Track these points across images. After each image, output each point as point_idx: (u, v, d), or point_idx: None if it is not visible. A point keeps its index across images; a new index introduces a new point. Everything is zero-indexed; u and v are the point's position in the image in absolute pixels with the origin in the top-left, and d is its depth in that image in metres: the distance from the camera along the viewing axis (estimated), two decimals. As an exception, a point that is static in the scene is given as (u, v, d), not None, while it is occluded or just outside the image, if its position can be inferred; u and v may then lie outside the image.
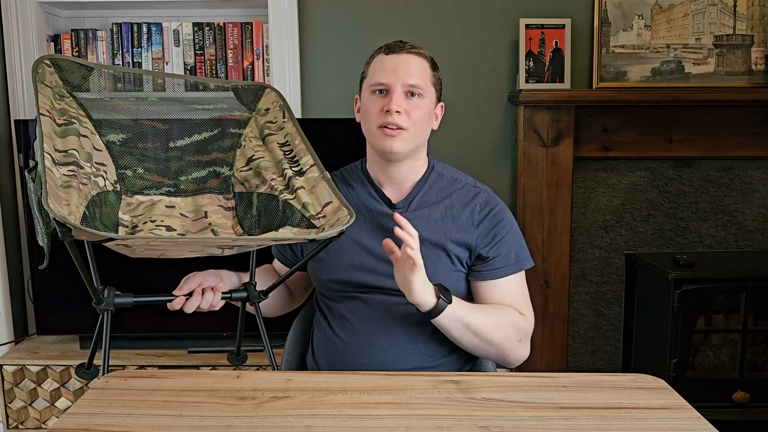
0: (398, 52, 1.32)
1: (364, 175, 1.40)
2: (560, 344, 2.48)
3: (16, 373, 2.19)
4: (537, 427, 0.97)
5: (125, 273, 1.63)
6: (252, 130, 1.43)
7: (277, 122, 1.42)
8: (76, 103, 1.29)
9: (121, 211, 1.31)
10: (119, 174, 1.33)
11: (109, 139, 1.33)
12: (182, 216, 1.35)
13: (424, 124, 1.33)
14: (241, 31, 2.35)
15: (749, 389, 2.26)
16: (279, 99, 1.45)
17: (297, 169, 1.32)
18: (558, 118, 2.36)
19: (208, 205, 1.38)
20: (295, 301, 1.54)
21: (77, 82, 1.29)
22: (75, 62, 1.29)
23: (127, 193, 1.33)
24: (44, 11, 2.34)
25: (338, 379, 1.16)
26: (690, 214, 2.55)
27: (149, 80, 1.49)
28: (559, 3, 2.41)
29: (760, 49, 2.39)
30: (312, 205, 1.26)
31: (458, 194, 1.37)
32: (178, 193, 1.38)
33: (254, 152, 1.39)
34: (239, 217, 1.38)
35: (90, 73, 1.31)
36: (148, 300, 1.24)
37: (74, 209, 1.10)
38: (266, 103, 1.45)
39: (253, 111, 1.45)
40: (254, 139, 1.41)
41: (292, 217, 1.27)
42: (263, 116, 1.44)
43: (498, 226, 1.36)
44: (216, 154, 1.41)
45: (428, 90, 1.32)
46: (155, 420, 0.99)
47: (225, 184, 1.41)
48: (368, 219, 1.37)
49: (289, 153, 1.35)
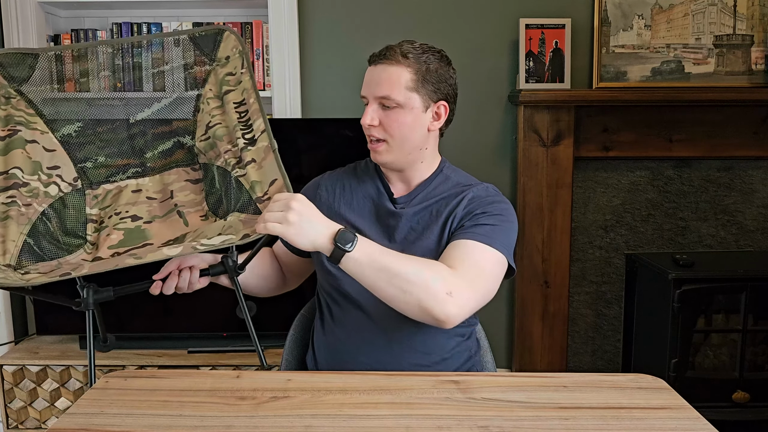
0: (376, 63, 1.32)
1: (376, 171, 1.42)
2: (560, 344, 2.48)
3: (16, 373, 2.19)
4: (537, 427, 0.97)
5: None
6: (211, 87, 1.35)
7: (236, 74, 1.33)
8: (24, 102, 1.24)
9: (88, 206, 1.27)
10: (79, 168, 1.28)
11: (63, 133, 1.27)
12: (149, 200, 1.30)
13: (406, 133, 1.31)
14: (241, 31, 2.35)
15: (749, 389, 2.26)
16: (238, 44, 1.36)
17: (249, 136, 1.25)
18: (558, 118, 2.36)
19: (174, 183, 1.33)
20: (287, 284, 1.53)
21: (25, 75, 1.24)
22: (18, 53, 1.25)
23: (91, 186, 1.29)
24: (44, 11, 2.34)
25: (338, 379, 1.16)
26: (690, 214, 2.55)
27: (100, 52, 1.38)
28: (559, 3, 2.41)
29: (760, 49, 2.39)
30: (260, 183, 1.20)
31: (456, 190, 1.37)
32: (146, 171, 1.33)
33: (211, 117, 1.32)
34: (206, 191, 1.32)
35: (36, 60, 1.25)
36: (127, 290, 1.23)
37: (10, 245, 1.08)
38: (226, 50, 1.36)
39: (214, 61, 1.36)
40: (212, 100, 1.34)
41: (241, 198, 1.22)
42: (223, 67, 1.35)
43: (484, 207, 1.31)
44: (177, 123, 1.34)
45: (406, 97, 1.29)
46: (155, 420, 0.99)
47: (190, 154, 1.34)
48: (373, 213, 1.38)
49: (244, 115, 1.28)
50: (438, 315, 1.15)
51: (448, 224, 1.31)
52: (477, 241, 1.25)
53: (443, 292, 1.15)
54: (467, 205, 1.32)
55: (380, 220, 1.36)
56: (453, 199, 1.34)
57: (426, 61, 1.31)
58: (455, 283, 1.17)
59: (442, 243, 1.31)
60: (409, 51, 1.30)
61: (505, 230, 1.29)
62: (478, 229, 1.27)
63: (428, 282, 1.15)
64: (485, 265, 1.24)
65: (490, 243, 1.25)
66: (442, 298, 1.15)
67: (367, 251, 1.15)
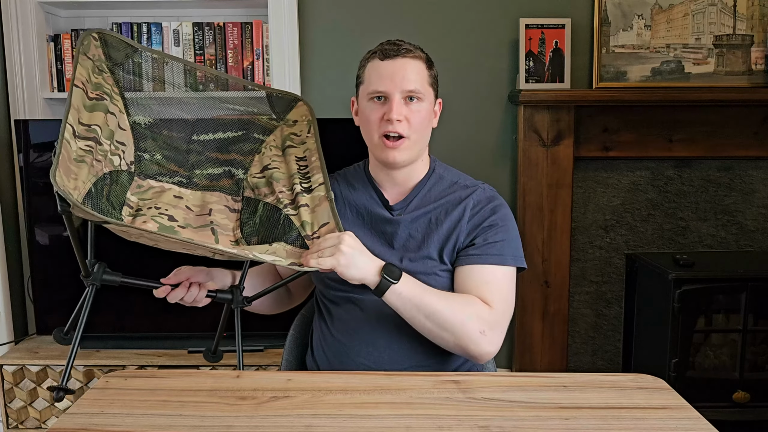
0: (393, 57, 1.30)
1: (366, 177, 1.41)
2: (560, 344, 2.48)
3: (16, 373, 2.19)
4: (537, 427, 0.97)
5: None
6: (275, 139, 1.43)
7: (301, 136, 1.42)
8: (112, 79, 1.31)
9: (130, 191, 1.31)
10: (137, 156, 1.34)
11: (135, 120, 1.34)
12: (187, 209, 1.35)
13: (425, 128, 1.33)
14: (241, 31, 2.35)
15: (749, 389, 2.26)
16: (309, 113, 1.45)
17: (307, 185, 1.33)
18: (558, 118, 2.36)
19: (215, 203, 1.39)
20: (293, 299, 1.54)
21: (120, 60, 1.31)
22: (122, 40, 1.32)
23: (140, 175, 1.34)
24: (44, 11, 2.34)
25: (338, 379, 1.16)
26: (690, 214, 2.55)
27: (183, 71, 1.47)
28: (559, 3, 2.41)
29: (760, 49, 2.39)
30: (310, 224, 1.27)
31: (455, 195, 1.36)
32: (190, 185, 1.39)
33: (271, 161, 1.40)
34: (241, 221, 1.38)
35: (134, 52, 1.33)
36: (135, 282, 1.25)
37: (80, 184, 1.12)
38: (296, 115, 1.45)
39: (282, 120, 1.45)
40: (274, 149, 1.42)
41: (289, 233, 1.28)
42: (290, 127, 1.44)
43: (489, 219, 1.33)
44: (235, 155, 1.42)
45: (426, 92, 1.31)
46: (155, 420, 0.99)
47: (236, 186, 1.41)
48: (367, 221, 1.37)
49: (304, 168, 1.36)
50: (473, 353, 1.24)
51: (452, 238, 1.32)
52: (493, 264, 1.30)
53: (477, 331, 1.22)
54: (471, 217, 1.33)
55: (375, 227, 1.36)
56: (453, 209, 1.34)
57: (430, 58, 1.35)
58: (489, 322, 1.24)
59: (444, 255, 1.31)
60: (416, 47, 1.33)
61: (513, 240, 1.34)
62: (491, 249, 1.30)
63: (464, 322, 1.22)
64: (507, 291, 1.30)
65: (506, 262, 1.30)
66: (476, 338, 1.22)
67: (411, 287, 1.22)
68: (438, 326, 1.22)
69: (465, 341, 1.22)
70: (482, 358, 1.25)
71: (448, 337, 1.22)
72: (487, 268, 1.29)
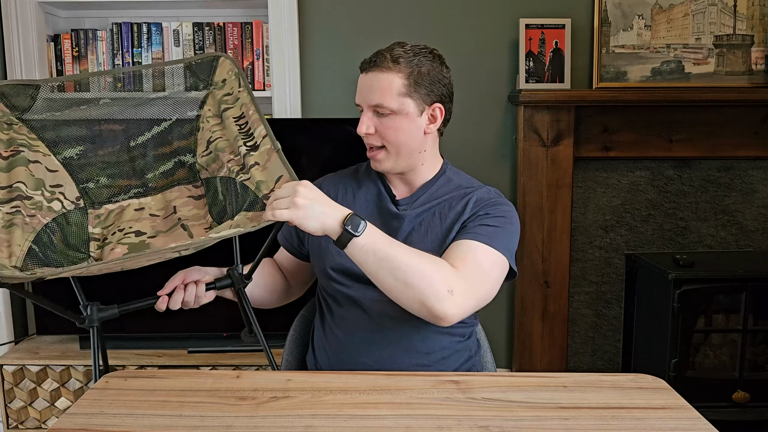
0: (367, 71, 1.31)
1: (377, 173, 1.41)
2: (560, 344, 2.48)
3: (16, 373, 2.19)
4: (537, 427, 0.97)
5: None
6: (210, 108, 1.38)
7: (233, 93, 1.36)
8: (25, 128, 1.26)
9: (90, 225, 1.28)
10: (81, 189, 1.29)
11: (65, 155, 1.29)
12: (152, 216, 1.32)
13: (403, 139, 1.31)
14: (241, 31, 2.35)
15: (749, 389, 2.26)
16: (233, 66, 1.38)
17: (251, 143, 1.26)
18: (558, 118, 2.36)
19: (177, 199, 1.34)
20: (292, 292, 1.53)
21: (26, 104, 1.26)
22: (20, 84, 1.27)
23: (93, 205, 1.30)
24: (44, 11, 2.34)
25: (338, 379, 1.16)
26: (690, 214, 2.55)
27: (100, 81, 1.44)
28: (559, 3, 2.41)
29: (760, 49, 2.39)
30: (265, 182, 1.20)
31: (460, 192, 1.37)
32: (148, 191, 1.34)
33: (212, 133, 1.34)
34: (209, 205, 1.33)
35: (37, 91, 1.28)
36: (133, 307, 1.23)
37: (16, 249, 1.08)
38: (222, 74, 1.39)
39: (211, 85, 1.39)
40: (212, 119, 1.36)
41: (247, 199, 1.22)
42: (220, 89, 1.38)
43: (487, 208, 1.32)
44: (177, 143, 1.36)
45: (399, 103, 1.28)
46: (155, 420, 0.99)
47: (191, 172, 1.36)
48: (374, 214, 1.38)
49: (244, 126, 1.29)
50: (437, 312, 1.15)
51: (454, 229, 1.31)
52: (479, 241, 1.25)
53: (444, 289, 1.14)
54: (473, 208, 1.33)
55: (383, 222, 1.36)
56: (458, 203, 1.34)
57: (418, 64, 1.30)
58: (457, 283, 1.17)
59: (444, 246, 1.31)
60: (399, 55, 1.29)
61: (507, 232, 1.30)
62: (481, 230, 1.27)
63: (431, 277, 1.14)
64: (486, 267, 1.24)
65: (492, 244, 1.25)
66: (442, 296, 1.14)
67: (374, 239, 1.14)
68: (402, 282, 1.14)
69: (430, 299, 1.14)
70: (445, 319, 1.16)
71: (412, 294, 1.14)
72: (471, 243, 1.25)
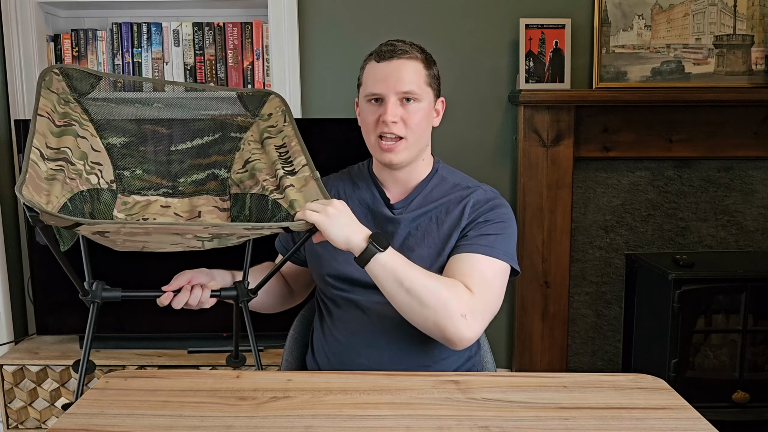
0: (389, 59, 1.30)
1: (370, 176, 1.41)
2: (560, 344, 2.48)
3: (16, 373, 2.19)
4: (537, 427, 0.97)
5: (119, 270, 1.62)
6: (252, 134, 1.44)
7: (278, 126, 1.42)
8: (80, 108, 1.31)
9: (116, 209, 1.31)
10: (116, 174, 1.34)
11: (109, 141, 1.34)
12: (176, 215, 1.35)
13: (423, 128, 1.33)
14: (241, 31, 2.35)
15: (749, 389, 2.26)
16: (282, 104, 1.46)
17: (290, 168, 1.32)
18: (558, 118, 2.36)
19: (203, 206, 1.39)
20: (294, 297, 1.54)
21: (85, 90, 1.32)
22: (84, 71, 1.33)
23: (123, 192, 1.35)
24: (44, 11, 2.34)
25: (338, 379, 1.16)
26: (690, 214, 2.55)
27: (152, 88, 1.52)
28: (559, 3, 2.41)
29: (760, 49, 2.39)
30: (298, 202, 1.24)
31: (456, 195, 1.36)
32: (176, 194, 1.39)
33: (251, 155, 1.40)
34: (233, 218, 1.38)
35: (99, 81, 1.34)
36: (136, 295, 1.24)
37: (53, 199, 1.10)
38: (269, 109, 1.46)
39: (257, 116, 1.46)
40: (253, 143, 1.42)
41: (278, 215, 1.27)
42: (265, 121, 1.45)
43: (485, 214, 1.32)
44: (216, 156, 1.42)
45: (424, 92, 1.31)
46: (155, 420, 0.99)
47: (222, 186, 1.42)
48: (368, 218, 1.37)
49: (285, 154, 1.36)
50: (450, 335, 1.19)
51: (453, 236, 1.31)
52: (482, 254, 1.27)
53: (459, 313, 1.18)
54: (470, 213, 1.33)
55: (377, 226, 1.36)
56: (454, 207, 1.34)
57: (429, 57, 1.34)
58: (472, 306, 1.20)
59: (443, 253, 1.31)
60: (415, 47, 1.33)
61: (507, 237, 1.32)
62: (482, 240, 1.28)
63: (447, 302, 1.18)
64: (495, 282, 1.27)
65: (496, 255, 1.28)
66: (456, 320, 1.18)
67: (395, 259, 1.19)
68: (419, 303, 1.17)
69: (445, 321, 1.17)
70: (459, 344, 1.20)
71: (428, 315, 1.18)
72: (475, 256, 1.27)
